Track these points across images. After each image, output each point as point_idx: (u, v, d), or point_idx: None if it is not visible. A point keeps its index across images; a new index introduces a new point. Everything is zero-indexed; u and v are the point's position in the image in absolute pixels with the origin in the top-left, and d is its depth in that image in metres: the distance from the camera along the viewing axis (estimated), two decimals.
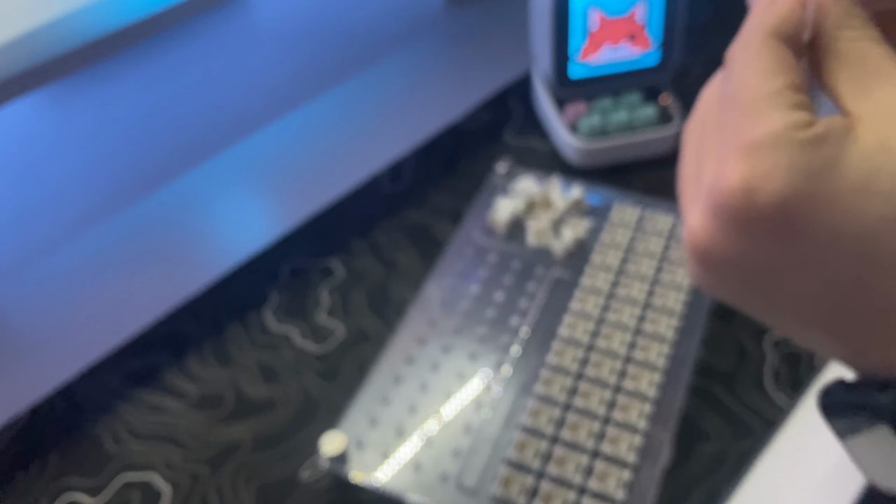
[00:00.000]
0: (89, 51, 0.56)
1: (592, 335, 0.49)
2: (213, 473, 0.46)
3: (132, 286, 0.58)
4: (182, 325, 0.54)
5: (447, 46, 0.81)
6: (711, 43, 0.75)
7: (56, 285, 0.59)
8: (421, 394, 0.47)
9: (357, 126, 0.72)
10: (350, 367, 0.51)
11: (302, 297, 0.55)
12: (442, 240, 0.58)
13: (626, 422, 0.45)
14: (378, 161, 0.66)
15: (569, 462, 0.43)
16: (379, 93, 0.75)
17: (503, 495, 0.42)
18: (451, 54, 0.80)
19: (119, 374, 0.51)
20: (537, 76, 0.67)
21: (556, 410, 0.45)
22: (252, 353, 0.52)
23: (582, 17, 0.59)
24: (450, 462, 0.43)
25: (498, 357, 0.48)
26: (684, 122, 0.63)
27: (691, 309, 0.50)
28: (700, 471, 0.44)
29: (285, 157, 0.69)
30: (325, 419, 0.48)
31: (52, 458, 0.47)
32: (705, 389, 0.48)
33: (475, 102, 0.72)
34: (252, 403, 0.49)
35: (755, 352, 0.49)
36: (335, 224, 0.61)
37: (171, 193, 0.66)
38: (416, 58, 0.80)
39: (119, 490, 0.46)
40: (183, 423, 0.48)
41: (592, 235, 0.56)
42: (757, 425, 0.46)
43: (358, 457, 0.44)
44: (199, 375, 0.51)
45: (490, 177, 0.61)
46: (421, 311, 0.51)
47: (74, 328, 0.56)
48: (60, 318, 0.57)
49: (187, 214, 0.64)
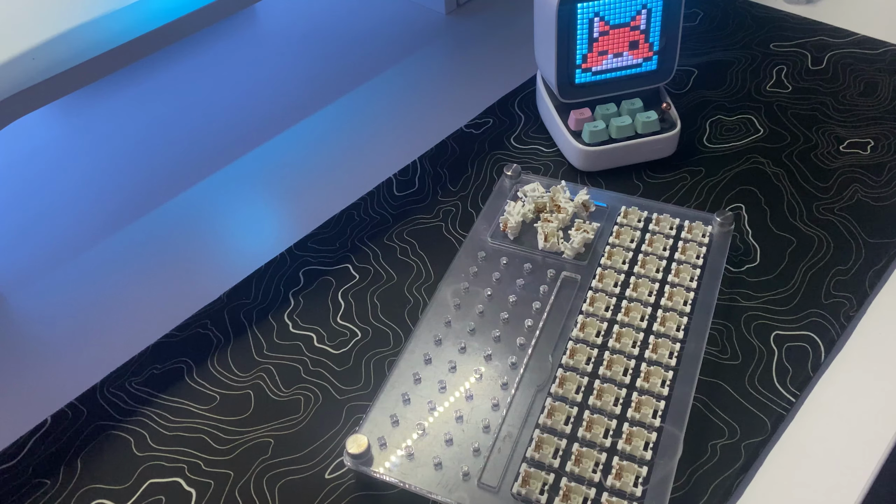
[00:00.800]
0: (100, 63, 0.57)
1: (604, 335, 0.51)
2: (237, 476, 0.47)
3: (153, 292, 0.59)
4: (203, 331, 0.55)
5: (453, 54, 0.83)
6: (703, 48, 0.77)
7: (78, 292, 0.60)
8: (440, 393, 0.48)
9: (367, 133, 0.73)
10: (368, 368, 0.52)
11: (320, 301, 0.56)
12: (454, 243, 0.60)
13: (641, 419, 0.46)
14: (388, 167, 0.68)
15: (586, 460, 0.44)
16: (388, 100, 0.77)
17: (524, 493, 0.43)
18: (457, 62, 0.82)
19: (142, 380, 0.52)
20: (541, 83, 0.69)
21: (572, 409, 0.47)
22: (272, 357, 0.53)
23: (585, 26, 0.60)
24: (471, 461, 0.45)
25: (513, 357, 0.50)
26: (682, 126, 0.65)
27: (699, 308, 0.52)
28: (714, 465, 0.45)
29: (297, 164, 0.70)
30: (346, 420, 0.49)
31: (77, 465, 0.48)
32: (716, 386, 0.49)
33: (481, 109, 0.73)
34: (274, 406, 0.50)
35: (763, 348, 0.51)
36: (349, 229, 0.62)
37: (189, 200, 0.67)
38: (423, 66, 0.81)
39: (146, 494, 0.46)
40: (207, 427, 0.49)
41: (600, 237, 0.57)
42: (767, 419, 0.47)
43: (380, 456, 0.45)
44: (220, 380, 0.52)
45: (498, 181, 0.62)
46: (437, 313, 0.53)
47: (96, 335, 0.57)
48: (82, 325, 0.57)
49: (204, 221, 0.65)
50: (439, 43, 0.84)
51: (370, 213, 0.63)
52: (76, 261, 0.62)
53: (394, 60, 0.82)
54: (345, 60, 0.83)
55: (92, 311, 0.58)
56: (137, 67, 0.84)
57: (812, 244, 0.58)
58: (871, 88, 0.71)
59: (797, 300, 0.54)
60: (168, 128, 0.76)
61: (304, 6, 0.93)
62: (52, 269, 0.62)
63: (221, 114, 0.77)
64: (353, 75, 0.80)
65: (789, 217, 0.60)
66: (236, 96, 0.79)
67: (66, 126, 0.77)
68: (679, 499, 0.44)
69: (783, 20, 0.81)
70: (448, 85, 0.79)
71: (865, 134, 0.67)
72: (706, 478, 0.45)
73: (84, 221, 0.66)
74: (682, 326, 0.51)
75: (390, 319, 0.55)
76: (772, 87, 0.73)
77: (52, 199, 0.69)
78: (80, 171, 0.72)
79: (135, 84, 0.82)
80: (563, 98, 0.64)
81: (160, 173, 0.71)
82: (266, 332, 0.55)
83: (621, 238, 0.57)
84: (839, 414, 0.48)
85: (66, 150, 0.75)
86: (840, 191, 0.62)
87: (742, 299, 0.54)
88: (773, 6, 0.83)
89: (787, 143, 0.66)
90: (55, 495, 0.47)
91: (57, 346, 0.56)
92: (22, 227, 0.66)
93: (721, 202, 0.62)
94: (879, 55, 0.75)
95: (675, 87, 0.73)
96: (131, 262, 0.62)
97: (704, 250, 0.55)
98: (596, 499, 0.43)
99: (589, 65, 0.63)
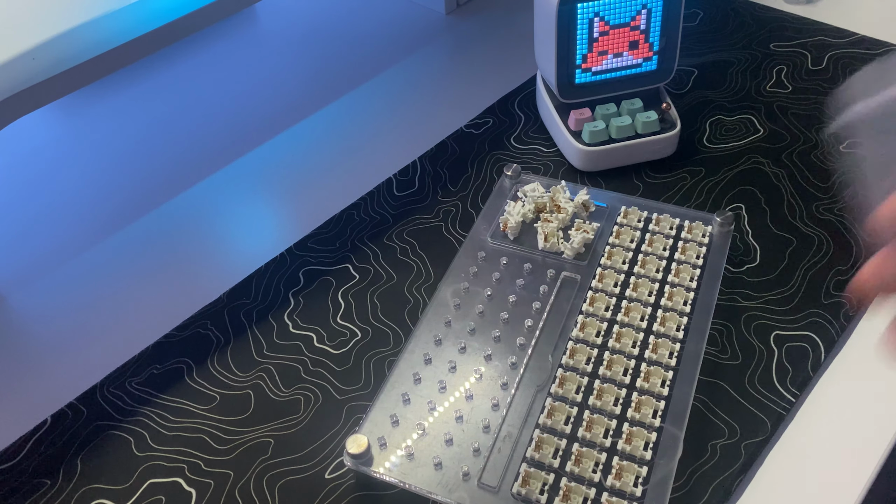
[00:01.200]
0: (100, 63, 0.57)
1: (604, 335, 0.51)
2: (237, 476, 0.47)
3: (152, 292, 0.59)
4: (203, 331, 0.55)
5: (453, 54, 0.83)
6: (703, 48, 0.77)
7: (78, 292, 0.60)
8: (440, 393, 0.48)
9: (367, 133, 0.73)
10: (368, 368, 0.52)
11: (319, 301, 0.56)
12: (454, 243, 0.60)
13: (641, 419, 0.46)
14: (388, 167, 0.68)
15: (586, 460, 0.44)
16: (388, 100, 0.77)
17: (523, 493, 0.43)
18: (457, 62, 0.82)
19: (142, 380, 0.52)
20: (541, 83, 0.69)
21: (572, 409, 0.47)
22: (272, 357, 0.53)
23: (585, 26, 0.60)
24: (471, 461, 0.45)
25: (513, 357, 0.50)
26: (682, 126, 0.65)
27: (699, 308, 0.52)
28: (714, 465, 0.45)
29: (297, 164, 0.70)
30: (346, 420, 0.49)
31: (77, 465, 0.48)
32: (716, 386, 0.49)
33: (481, 108, 0.73)
34: (274, 406, 0.50)
35: (763, 348, 0.51)
36: (349, 229, 0.62)
37: (189, 200, 0.67)
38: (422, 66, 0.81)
39: (146, 494, 0.46)
40: (206, 427, 0.49)
41: (600, 237, 0.57)
42: (767, 419, 0.47)
43: (380, 456, 0.45)
44: (220, 380, 0.52)
45: (498, 181, 0.62)
46: (437, 313, 0.53)
47: (96, 335, 0.57)
48: (82, 325, 0.57)
49: (204, 221, 0.65)
50: (439, 43, 0.84)
51: (370, 213, 0.63)
52: (76, 261, 0.62)
53: (394, 60, 0.82)
54: (345, 60, 0.83)
55: (92, 311, 0.58)
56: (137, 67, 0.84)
57: (812, 244, 0.58)
58: None
59: (797, 300, 0.54)
60: (168, 128, 0.76)
61: (304, 6, 0.93)
62: (52, 269, 0.62)
63: (221, 114, 0.77)
64: (353, 75, 0.81)
65: (789, 217, 0.60)
66: (236, 96, 0.80)
67: (66, 126, 0.77)
68: (679, 499, 0.44)
69: (783, 20, 0.81)
70: (448, 85, 0.79)
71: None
72: (706, 478, 0.45)
73: (84, 221, 0.66)
74: (682, 326, 0.51)
75: (390, 319, 0.55)
76: (772, 87, 0.73)
77: (52, 200, 0.69)
78: (80, 171, 0.72)
79: (135, 84, 0.82)
80: (563, 98, 0.64)
81: (160, 173, 0.71)
82: (266, 332, 0.55)
83: (621, 238, 0.57)
84: (839, 414, 0.48)
85: (66, 150, 0.75)
86: (840, 191, 0.62)
87: (742, 299, 0.54)
88: (773, 6, 0.83)
89: (787, 143, 0.66)
90: (55, 495, 0.47)
91: (57, 346, 0.56)
92: (22, 227, 0.66)
93: (721, 202, 0.62)
94: (879, 55, 0.75)
95: (675, 87, 0.73)
96: (131, 262, 0.62)
97: (704, 250, 0.55)
98: (596, 499, 0.43)
99: (589, 65, 0.63)
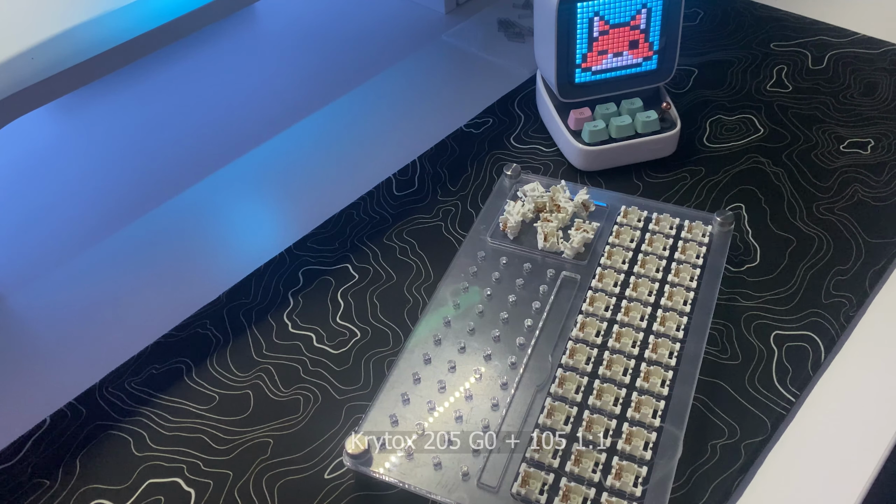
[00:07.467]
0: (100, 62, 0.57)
1: (604, 335, 0.51)
2: (236, 476, 0.47)
3: (152, 292, 0.59)
4: (202, 331, 0.55)
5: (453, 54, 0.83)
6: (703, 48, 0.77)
7: (77, 292, 0.60)
8: (440, 393, 0.48)
9: (367, 133, 0.73)
10: (368, 368, 0.52)
11: (319, 301, 0.56)
12: (454, 243, 0.60)
13: (641, 419, 0.46)
14: (388, 166, 0.68)
15: (586, 460, 0.44)
16: (388, 100, 0.77)
17: (523, 493, 0.43)
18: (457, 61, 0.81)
19: (141, 380, 0.52)
20: (541, 83, 0.69)
21: (571, 409, 0.47)
22: (272, 357, 0.53)
23: (585, 26, 0.60)
24: (470, 461, 0.45)
25: (513, 357, 0.50)
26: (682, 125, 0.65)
27: (699, 307, 0.52)
28: (714, 465, 0.45)
29: (297, 164, 0.70)
30: (345, 420, 0.49)
31: (77, 465, 0.48)
32: (716, 386, 0.49)
33: (481, 108, 0.73)
34: (273, 406, 0.50)
35: (763, 348, 0.51)
36: (349, 229, 0.62)
37: (188, 200, 0.67)
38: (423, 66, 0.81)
39: (146, 494, 0.46)
40: (206, 427, 0.49)
41: (600, 237, 0.57)
42: (767, 419, 0.47)
43: (380, 456, 0.45)
44: (220, 380, 0.52)
45: (498, 181, 0.62)
46: (436, 313, 0.53)
47: (96, 335, 0.57)
48: (82, 325, 0.57)
49: (204, 221, 0.65)
50: (439, 42, 0.84)
51: (370, 213, 0.63)
52: (76, 261, 0.62)
53: (394, 60, 0.82)
54: (344, 60, 0.83)
55: (91, 311, 0.58)
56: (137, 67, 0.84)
57: (812, 244, 0.58)
58: (872, 88, 0.71)
59: (797, 300, 0.54)
60: (167, 127, 0.76)
61: (304, 6, 0.93)
62: (52, 269, 0.62)
63: (221, 113, 0.77)
64: (352, 75, 0.80)
65: (789, 217, 0.60)
66: (235, 96, 0.79)
67: (66, 125, 0.77)
68: (679, 499, 0.44)
69: (783, 20, 0.81)
70: (448, 84, 0.79)
71: (865, 134, 0.67)
72: (706, 478, 0.45)
73: (83, 221, 0.66)
74: (681, 326, 0.51)
75: (390, 319, 0.55)
76: (772, 86, 0.72)
77: (51, 199, 0.69)
78: (79, 171, 0.72)
79: (134, 83, 0.82)
80: (563, 98, 0.64)
81: (160, 173, 0.71)
82: (265, 331, 0.55)
83: (621, 238, 0.57)
84: (839, 414, 0.48)
85: (65, 149, 0.74)
86: (840, 190, 0.62)
87: (742, 299, 0.54)
88: (773, 6, 0.83)
89: (788, 142, 0.66)
90: (54, 495, 0.47)
91: (56, 346, 0.56)
92: (21, 226, 0.66)
93: (721, 202, 0.61)
94: (879, 55, 0.75)
95: (675, 87, 0.73)
96: (131, 262, 0.62)
97: (704, 250, 0.55)
98: (596, 499, 0.43)
99: (589, 64, 0.63)
